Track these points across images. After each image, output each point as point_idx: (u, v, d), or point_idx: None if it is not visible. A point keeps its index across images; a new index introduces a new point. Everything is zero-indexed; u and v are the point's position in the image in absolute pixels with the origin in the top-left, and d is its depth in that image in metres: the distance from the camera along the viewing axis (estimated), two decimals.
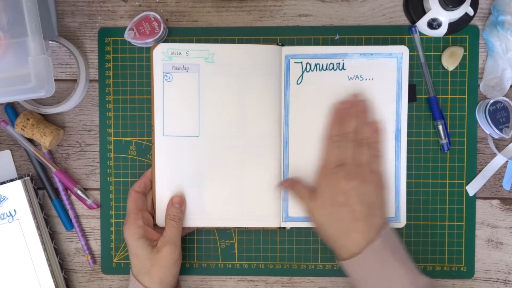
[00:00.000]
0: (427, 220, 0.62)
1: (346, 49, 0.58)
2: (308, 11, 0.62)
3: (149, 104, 0.62)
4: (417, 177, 0.61)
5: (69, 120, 0.63)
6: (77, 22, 0.62)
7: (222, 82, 0.58)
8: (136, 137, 0.62)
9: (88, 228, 0.63)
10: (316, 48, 0.59)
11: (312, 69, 0.59)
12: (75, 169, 0.63)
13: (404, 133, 0.59)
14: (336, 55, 0.58)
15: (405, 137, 0.59)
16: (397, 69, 0.58)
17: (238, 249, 0.62)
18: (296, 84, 0.59)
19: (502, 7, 0.59)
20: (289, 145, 0.59)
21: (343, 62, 0.58)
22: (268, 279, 0.63)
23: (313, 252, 0.62)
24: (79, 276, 0.64)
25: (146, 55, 0.62)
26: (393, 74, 0.59)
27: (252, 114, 0.58)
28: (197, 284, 0.63)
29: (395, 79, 0.59)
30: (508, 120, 0.60)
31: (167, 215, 0.57)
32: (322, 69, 0.59)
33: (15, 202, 0.59)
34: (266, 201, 0.59)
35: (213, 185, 0.58)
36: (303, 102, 0.59)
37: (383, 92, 0.59)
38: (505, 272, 0.62)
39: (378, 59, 0.58)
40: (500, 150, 0.61)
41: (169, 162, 0.58)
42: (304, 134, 0.59)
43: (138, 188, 0.58)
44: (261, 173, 0.58)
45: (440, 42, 0.61)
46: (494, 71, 0.60)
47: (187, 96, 0.58)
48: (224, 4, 0.62)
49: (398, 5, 0.62)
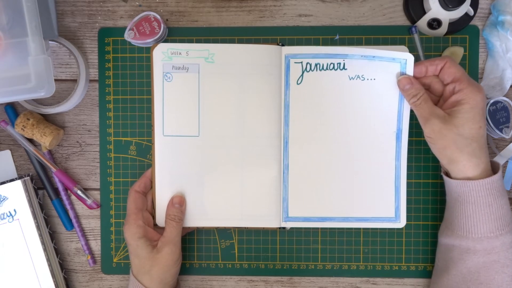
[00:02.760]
0: (427, 220, 0.62)
1: (348, 50, 0.58)
2: (308, 11, 0.62)
3: (149, 104, 0.62)
4: (417, 177, 0.61)
5: (69, 120, 0.63)
6: (77, 22, 0.62)
7: (222, 82, 0.58)
8: (136, 137, 0.62)
9: (88, 228, 0.63)
10: (316, 48, 0.59)
11: (312, 69, 0.58)
12: (75, 169, 0.63)
13: (406, 133, 0.58)
14: (337, 56, 0.58)
15: (406, 137, 0.58)
16: (401, 74, 0.57)
17: (238, 249, 0.62)
18: (296, 84, 0.59)
19: (502, 7, 0.59)
20: (289, 145, 0.59)
21: (343, 62, 0.58)
22: (268, 279, 0.63)
23: (313, 252, 0.62)
24: (79, 276, 0.64)
25: (146, 55, 0.62)
26: (396, 78, 0.57)
27: (252, 114, 0.58)
28: (197, 284, 0.63)
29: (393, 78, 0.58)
30: (508, 120, 0.59)
31: (167, 215, 0.57)
32: (323, 69, 0.58)
33: (15, 202, 0.59)
34: (266, 201, 0.59)
35: (213, 185, 0.58)
36: (303, 102, 0.59)
37: (385, 92, 0.58)
38: None
39: (382, 62, 0.58)
40: (500, 150, 0.61)
41: (169, 162, 0.58)
42: (304, 134, 0.59)
43: (138, 188, 0.58)
44: (261, 173, 0.58)
45: (440, 42, 0.61)
46: (494, 71, 0.60)
47: (187, 96, 0.58)
48: (224, 4, 0.62)
49: (398, 5, 0.62)
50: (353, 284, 0.62)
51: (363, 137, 0.59)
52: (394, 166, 0.59)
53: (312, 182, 0.59)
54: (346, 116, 0.59)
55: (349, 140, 0.59)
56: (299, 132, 0.59)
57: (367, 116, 0.58)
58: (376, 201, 0.59)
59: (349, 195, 0.59)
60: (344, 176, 0.59)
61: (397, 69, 0.57)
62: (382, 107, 0.58)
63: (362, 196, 0.59)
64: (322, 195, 0.59)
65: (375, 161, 0.59)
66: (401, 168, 0.59)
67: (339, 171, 0.59)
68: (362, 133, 0.59)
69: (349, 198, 0.59)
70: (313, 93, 0.59)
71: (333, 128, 0.59)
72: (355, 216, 0.59)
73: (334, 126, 0.59)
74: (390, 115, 0.58)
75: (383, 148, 0.59)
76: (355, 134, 0.59)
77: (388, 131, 0.58)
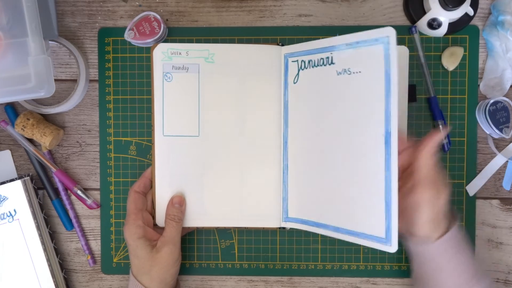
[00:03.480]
0: None
1: (333, 41, 0.54)
2: (308, 11, 0.62)
3: (149, 104, 0.62)
4: None
5: (69, 120, 0.63)
6: (77, 22, 0.62)
7: (222, 82, 0.58)
8: (136, 137, 0.62)
9: (88, 228, 0.63)
10: (308, 44, 0.56)
11: (306, 67, 0.57)
12: (75, 169, 0.63)
13: (395, 137, 0.49)
14: (325, 49, 0.55)
15: (396, 143, 0.49)
16: (384, 57, 0.49)
17: (238, 249, 0.62)
18: (293, 83, 0.58)
19: (502, 7, 0.59)
20: (289, 145, 0.59)
21: (331, 56, 0.54)
22: (268, 279, 0.63)
23: (313, 252, 0.62)
24: (79, 276, 0.64)
25: (146, 55, 0.62)
26: (380, 65, 0.50)
27: (252, 114, 0.58)
28: (197, 284, 0.63)
29: (383, 70, 0.49)
30: (508, 120, 0.59)
31: (167, 215, 0.57)
32: (315, 65, 0.56)
33: (15, 202, 0.59)
34: (266, 201, 0.59)
35: (213, 185, 0.58)
36: (299, 101, 0.58)
37: (371, 87, 0.51)
38: (505, 272, 0.62)
39: (366, 47, 0.51)
40: (500, 150, 0.61)
41: (169, 162, 0.58)
42: (302, 135, 0.59)
43: (138, 188, 0.58)
44: (261, 173, 0.58)
45: (440, 42, 0.61)
46: (494, 71, 0.60)
47: (187, 96, 0.58)
48: (224, 4, 0.62)
49: (398, 5, 0.62)
50: (353, 284, 0.62)
51: (351, 140, 0.53)
52: (384, 177, 0.50)
53: (309, 184, 0.57)
54: (336, 115, 0.54)
55: (339, 143, 0.54)
56: (297, 133, 0.59)
57: (354, 115, 0.52)
58: (366, 215, 0.52)
59: (339, 204, 0.54)
60: (335, 183, 0.54)
61: (381, 53, 0.50)
62: (369, 105, 0.51)
63: (352, 207, 0.53)
64: (318, 199, 0.56)
65: (363, 169, 0.52)
66: (391, 180, 0.49)
67: (331, 178, 0.55)
68: (350, 135, 0.53)
69: (340, 207, 0.54)
70: (307, 92, 0.57)
71: (325, 127, 0.56)
72: (346, 228, 0.53)
73: (326, 125, 0.56)
74: (377, 114, 0.50)
75: (371, 155, 0.51)
76: (344, 136, 0.53)
77: (376, 133, 0.50)
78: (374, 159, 0.51)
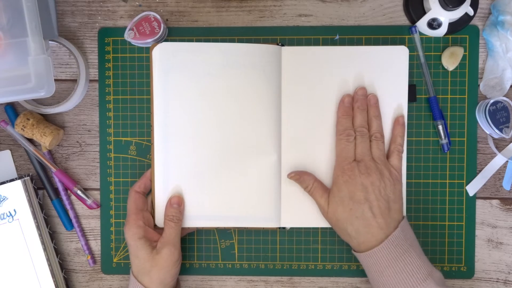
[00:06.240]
0: (427, 220, 0.61)
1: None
2: (308, 11, 0.62)
3: (149, 104, 0.62)
4: (417, 177, 0.61)
5: (69, 120, 0.63)
6: (77, 22, 0.62)
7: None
8: (136, 137, 0.62)
9: (88, 228, 0.63)
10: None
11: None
12: (75, 169, 0.63)
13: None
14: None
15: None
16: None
17: (238, 249, 0.62)
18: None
19: (502, 7, 0.59)
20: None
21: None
22: (268, 279, 0.63)
23: (313, 252, 0.62)
24: (79, 276, 0.64)
25: (146, 55, 0.62)
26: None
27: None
28: (197, 284, 0.63)
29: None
30: (508, 120, 0.59)
31: (166, 216, 0.57)
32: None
33: (15, 202, 0.59)
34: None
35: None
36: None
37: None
38: (505, 272, 0.62)
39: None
40: (500, 150, 0.61)
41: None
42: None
43: (138, 188, 0.58)
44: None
45: (440, 42, 0.61)
46: (494, 71, 0.60)
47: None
48: (224, 4, 0.62)
49: (398, 5, 0.62)
50: (353, 284, 0.62)
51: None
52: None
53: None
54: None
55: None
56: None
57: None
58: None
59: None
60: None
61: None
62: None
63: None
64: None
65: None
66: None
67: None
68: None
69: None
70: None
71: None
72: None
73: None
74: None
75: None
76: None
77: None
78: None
